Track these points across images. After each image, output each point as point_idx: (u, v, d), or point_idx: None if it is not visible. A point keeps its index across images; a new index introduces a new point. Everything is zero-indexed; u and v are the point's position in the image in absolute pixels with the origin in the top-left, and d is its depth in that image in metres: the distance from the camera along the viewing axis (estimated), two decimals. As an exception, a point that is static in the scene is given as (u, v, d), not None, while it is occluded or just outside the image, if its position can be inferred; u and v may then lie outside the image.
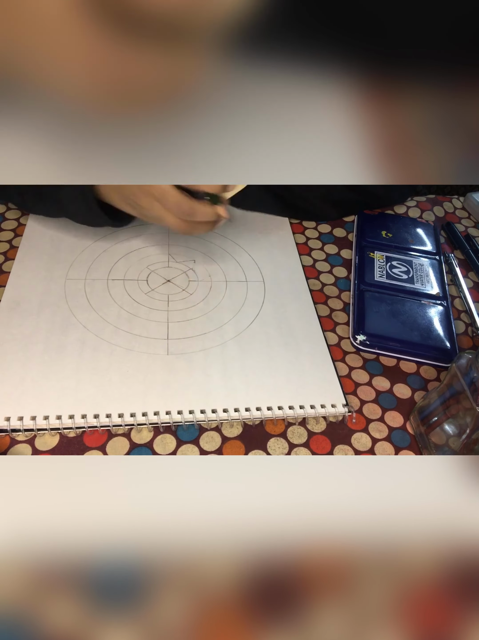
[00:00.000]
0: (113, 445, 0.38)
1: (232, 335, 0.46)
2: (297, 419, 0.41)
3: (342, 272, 0.55)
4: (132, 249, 0.53)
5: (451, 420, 0.38)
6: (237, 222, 0.58)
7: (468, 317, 0.52)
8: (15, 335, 0.43)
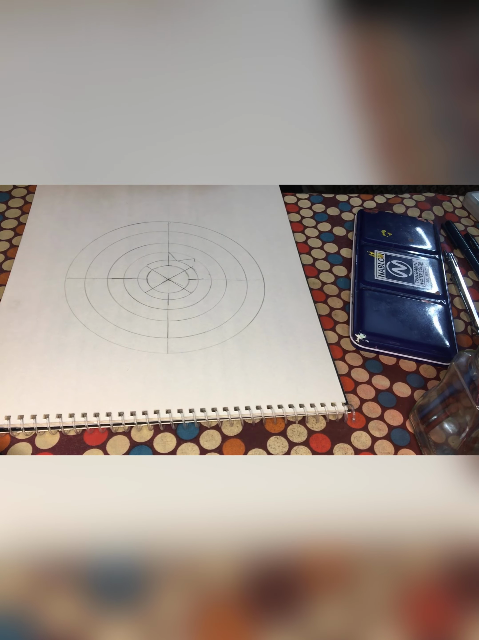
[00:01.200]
0: (113, 443, 0.38)
1: (232, 334, 0.46)
2: (297, 417, 0.41)
3: (342, 271, 0.55)
4: (131, 247, 0.53)
5: (450, 419, 0.38)
6: (236, 221, 0.58)
7: (467, 316, 0.52)
8: (15, 334, 0.43)
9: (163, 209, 0.58)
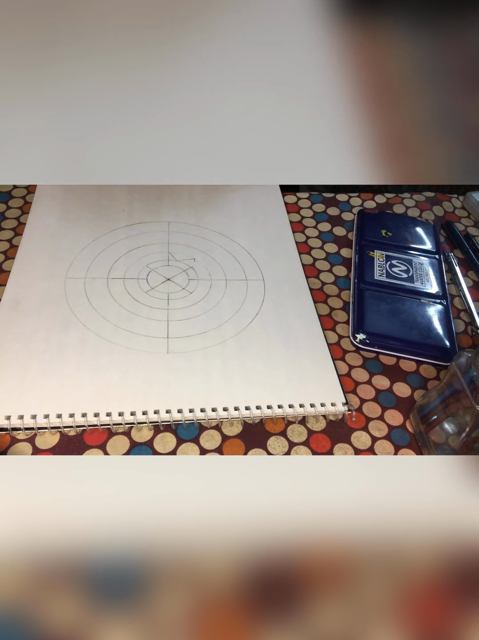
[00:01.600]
0: (113, 443, 0.38)
1: (232, 334, 0.46)
2: (297, 417, 0.41)
3: (342, 271, 0.55)
4: (131, 247, 0.53)
5: (450, 419, 0.38)
6: (236, 221, 0.58)
7: (467, 316, 0.52)
8: (15, 334, 0.43)
9: (163, 209, 0.58)
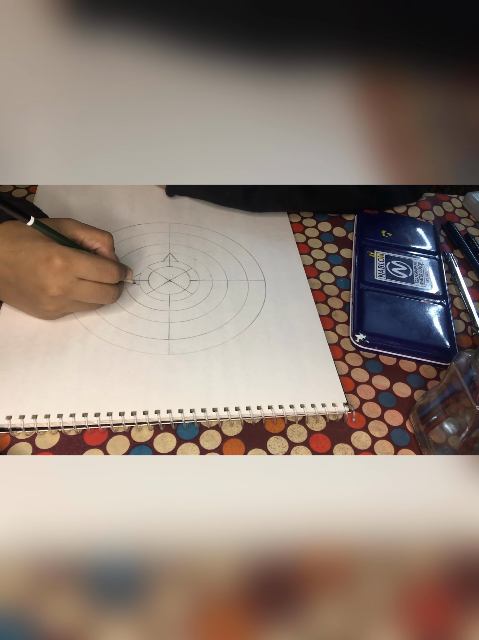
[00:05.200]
0: (113, 443, 0.38)
1: (233, 335, 0.46)
2: (297, 417, 0.41)
3: (342, 272, 0.55)
4: (133, 248, 0.53)
5: (450, 419, 0.38)
6: (237, 222, 0.58)
7: (467, 316, 0.52)
8: (18, 336, 0.43)
9: (164, 210, 0.58)
